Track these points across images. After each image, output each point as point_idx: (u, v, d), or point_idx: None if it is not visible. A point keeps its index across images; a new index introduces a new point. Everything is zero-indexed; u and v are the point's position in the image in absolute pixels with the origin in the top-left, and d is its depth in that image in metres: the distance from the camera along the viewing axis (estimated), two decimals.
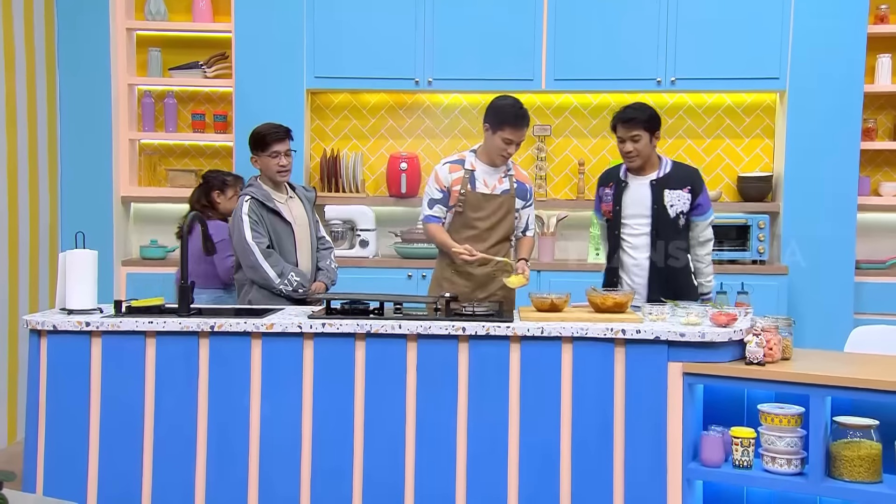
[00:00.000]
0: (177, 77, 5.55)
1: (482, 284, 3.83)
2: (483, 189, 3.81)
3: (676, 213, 3.78)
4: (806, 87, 5.14)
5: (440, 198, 3.83)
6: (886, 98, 5.47)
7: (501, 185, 3.83)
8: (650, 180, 3.81)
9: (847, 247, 5.15)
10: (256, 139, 3.90)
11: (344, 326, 3.17)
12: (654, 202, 3.79)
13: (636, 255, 3.82)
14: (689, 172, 3.86)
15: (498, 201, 3.81)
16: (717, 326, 3.14)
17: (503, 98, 3.85)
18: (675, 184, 3.80)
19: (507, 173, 3.85)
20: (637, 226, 3.82)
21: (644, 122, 3.77)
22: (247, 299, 3.85)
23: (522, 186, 3.89)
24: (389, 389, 3.17)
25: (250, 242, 3.76)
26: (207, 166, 5.71)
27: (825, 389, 2.96)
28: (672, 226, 3.79)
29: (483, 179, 3.81)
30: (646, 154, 3.79)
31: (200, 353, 3.20)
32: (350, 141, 5.71)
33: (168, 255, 5.51)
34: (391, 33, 5.30)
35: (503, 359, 3.16)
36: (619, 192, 3.86)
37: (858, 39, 5.09)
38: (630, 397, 3.12)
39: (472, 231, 3.82)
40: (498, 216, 3.82)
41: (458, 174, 3.83)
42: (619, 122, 3.81)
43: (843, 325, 4.87)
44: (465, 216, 3.81)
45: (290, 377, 3.19)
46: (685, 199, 3.79)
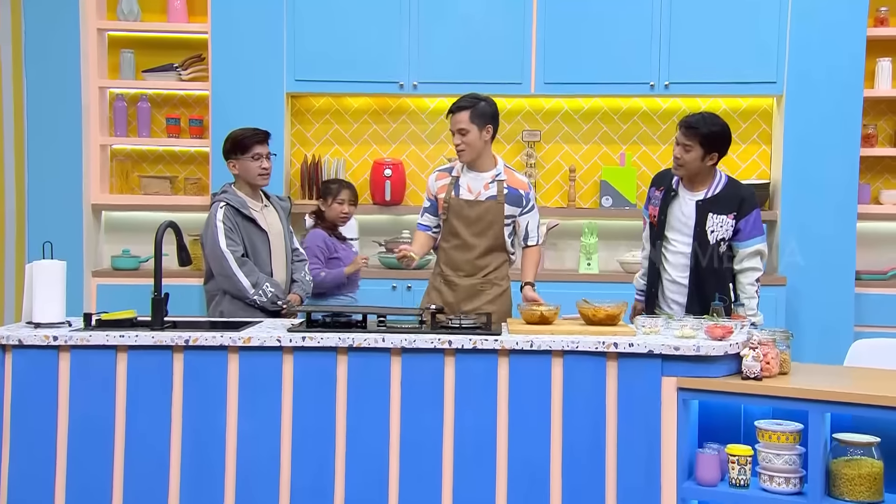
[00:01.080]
0: (150, 80, 5.54)
1: (470, 296, 3.84)
2: (466, 195, 3.82)
3: (717, 239, 3.72)
4: (804, 91, 5.19)
5: (429, 206, 3.94)
6: (887, 103, 5.53)
7: (488, 190, 3.83)
8: (697, 199, 3.75)
9: (847, 257, 5.19)
10: (235, 142, 3.90)
11: (325, 340, 3.16)
12: (697, 224, 3.74)
13: (672, 273, 3.80)
14: (738, 195, 3.73)
15: (482, 207, 3.81)
16: (713, 340, 3.16)
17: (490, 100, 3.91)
18: (721, 207, 3.72)
19: (495, 178, 3.84)
20: (677, 243, 3.78)
21: (702, 135, 3.66)
22: (218, 310, 3.84)
23: (514, 192, 3.85)
24: (373, 405, 3.17)
25: (224, 250, 3.75)
26: (183, 173, 5.71)
27: (824, 405, 2.97)
28: (713, 252, 3.73)
29: (467, 185, 3.83)
30: (692, 168, 3.71)
31: (174, 368, 3.19)
32: (332, 147, 5.72)
33: (141, 266, 5.49)
34: (375, 35, 5.32)
35: (491, 373, 3.16)
36: (667, 201, 3.81)
37: (858, 43, 5.15)
38: (622, 413, 3.12)
39: (458, 240, 3.84)
40: (483, 224, 3.82)
41: (444, 181, 3.87)
42: (682, 124, 3.73)
43: (842, 338, 4.90)
44: (450, 224, 3.84)
45: (268, 393, 3.18)
46: (728, 225, 3.72)
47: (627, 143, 5.62)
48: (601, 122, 5.65)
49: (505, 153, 5.67)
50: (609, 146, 5.65)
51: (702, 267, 3.74)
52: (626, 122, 5.63)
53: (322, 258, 4.48)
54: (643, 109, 5.62)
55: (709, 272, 3.74)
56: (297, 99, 5.68)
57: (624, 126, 5.63)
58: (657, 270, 3.85)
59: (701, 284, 3.74)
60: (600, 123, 5.65)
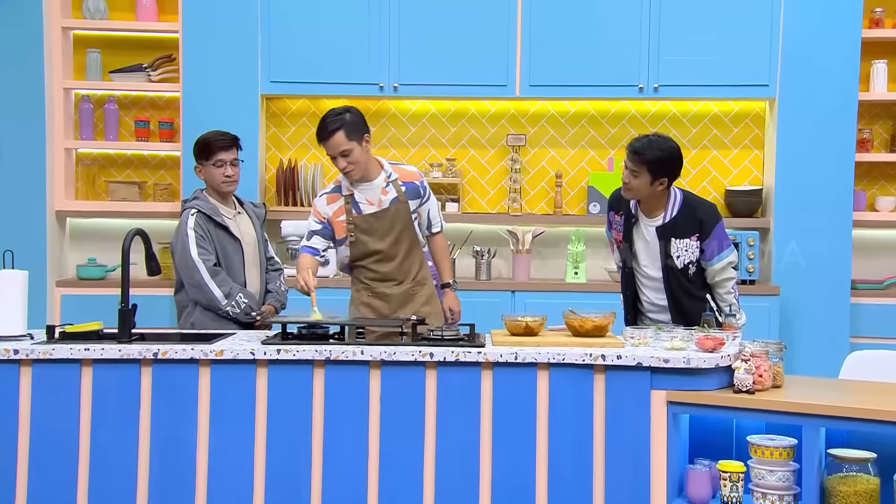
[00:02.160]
0: (118, 81, 5.52)
1: (403, 302, 3.87)
2: (369, 208, 3.83)
3: (685, 263, 3.73)
4: (797, 94, 5.23)
5: (319, 228, 3.86)
6: (882, 107, 5.59)
7: (387, 195, 3.85)
8: (656, 226, 3.75)
9: (842, 266, 5.23)
10: (200, 147, 3.89)
11: (301, 352, 3.16)
12: (662, 250, 3.74)
13: (650, 295, 3.82)
14: (696, 215, 3.72)
15: (390, 214, 3.83)
16: (703, 352, 3.17)
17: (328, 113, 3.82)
18: (681, 231, 3.72)
19: (388, 181, 3.86)
20: (647, 269, 3.80)
21: (647, 161, 3.60)
22: (189, 322, 3.83)
23: (411, 185, 3.90)
24: (351, 421, 3.16)
25: (195, 259, 3.74)
26: (152, 178, 5.69)
27: (819, 420, 2.99)
28: (683, 276, 3.74)
29: (366, 199, 3.84)
30: (641, 193, 3.69)
31: (142, 382, 3.17)
32: (309, 151, 5.71)
33: (108, 275, 5.47)
34: (354, 34, 5.32)
35: (474, 387, 3.16)
36: (629, 228, 3.82)
37: (852, 44, 5.20)
38: (610, 428, 3.13)
39: (377, 255, 3.84)
40: (397, 229, 3.85)
41: (337, 204, 3.84)
42: (628, 149, 3.68)
43: (838, 349, 4.94)
44: (361, 243, 3.83)
45: (241, 409, 3.17)
46: (693, 247, 3.72)
47: (615, 148, 5.65)
48: (588, 126, 5.68)
49: (489, 158, 5.69)
50: (597, 150, 5.68)
51: (675, 289, 3.76)
52: (614, 126, 5.66)
53: None
54: (632, 113, 5.65)
55: (684, 292, 3.76)
56: (272, 101, 5.67)
57: (612, 130, 5.67)
58: (633, 293, 3.88)
59: (680, 304, 3.77)
60: (587, 127, 5.68)
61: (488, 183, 5.72)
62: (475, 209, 5.71)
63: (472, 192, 5.72)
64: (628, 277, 3.87)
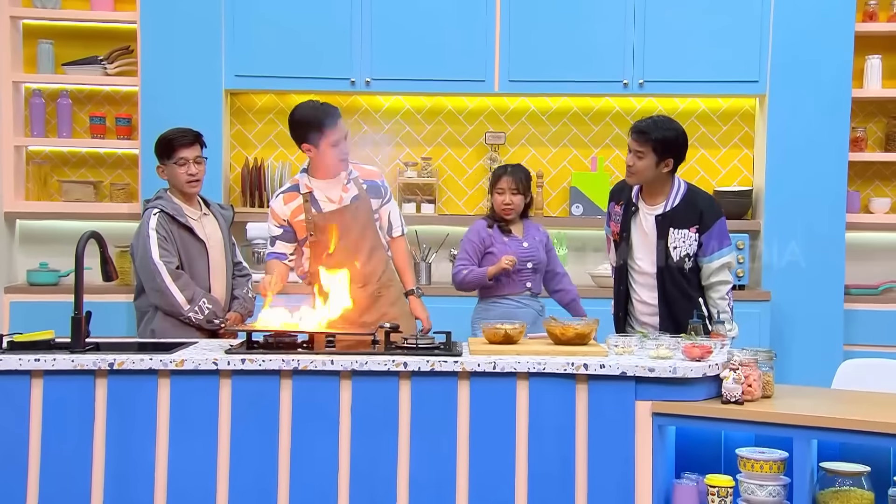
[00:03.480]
0: (72, 74, 5.48)
1: (369, 305, 3.89)
2: (329, 206, 3.87)
3: (681, 255, 3.77)
4: (788, 91, 5.28)
5: (280, 233, 3.93)
6: (877, 104, 5.64)
7: (348, 192, 3.89)
8: (656, 214, 3.80)
9: (835, 270, 5.28)
10: (161, 145, 3.89)
11: (267, 362, 3.15)
12: (659, 241, 3.79)
13: (641, 294, 3.85)
14: (698, 205, 3.78)
15: (351, 212, 3.87)
16: (690, 360, 3.20)
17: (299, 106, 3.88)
18: (681, 221, 3.77)
19: (349, 178, 3.91)
20: (642, 262, 3.84)
21: (654, 140, 3.69)
22: (149, 329, 3.82)
23: (373, 184, 3.95)
24: (320, 435, 3.15)
25: (157, 262, 3.73)
26: (108, 177, 5.65)
27: (811, 431, 3.01)
28: (678, 271, 3.78)
29: (325, 196, 3.87)
30: (646, 176, 3.75)
31: (97, 395, 3.15)
32: (276, 149, 5.70)
33: (61, 281, 5.42)
34: (324, 26, 5.32)
35: (450, 398, 3.16)
36: (628, 217, 3.87)
37: (845, 39, 5.26)
38: (593, 441, 3.14)
39: (339, 255, 3.84)
40: (357, 228, 3.88)
41: (295, 203, 3.89)
42: (632, 130, 3.78)
43: (831, 357, 4.98)
44: (323, 242, 3.85)
45: (203, 423, 3.15)
46: (691, 239, 3.77)
47: (599, 147, 5.68)
48: (570, 124, 5.71)
49: (466, 157, 5.70)
50: (579, 149, 5.71)
51: (669, 286, 3.79)
52: (597, 124, 5.69)
53: (472, 253, 4.21)
54: (616, 110, 5.69)
55: (677, 290, 3.79)
56: (237, 96, 5.66)
57: (595, 128, 5.69)
58: (625, 291, 3.91)
59: (670, 304, 3.79)
60: (570, 125, 5.71)
61: (466, 183, 5.73)
62: (452, 210, 5.71)
63: (448, 192, 5.73)
64: (622, 273, 3.90)
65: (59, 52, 5.52)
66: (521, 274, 4.19)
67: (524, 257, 4.18)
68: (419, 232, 5.49)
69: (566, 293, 4.34)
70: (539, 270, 4.25)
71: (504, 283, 4.18)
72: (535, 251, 4.23)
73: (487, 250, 4.19)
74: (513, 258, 4.10)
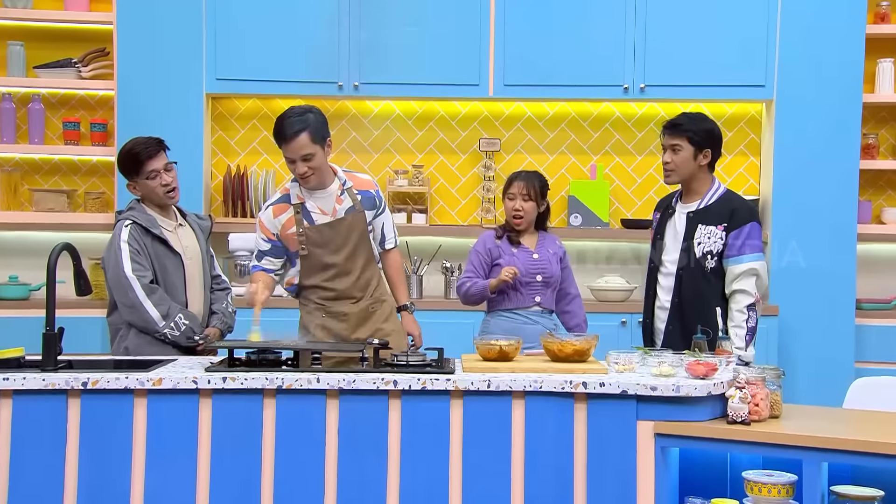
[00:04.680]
0: (45, 77, 5.48)
1: (361, 321, 3.89)
2: (323, 218, 3.86)
3: (704, 252, 3.81)
4: (796, 96, 5.31)
5: (268, 248, 3.91)
6: (889, 110, 5.67)
7: (342, 204, 3.89)
8: (689, 211, 3.88)
9: (846, 283, 5.29)
10: (127, 161, 3.84)
11: (250, 381, 3.14)
12: (686, 237, 3.85)
13: (662, 298, 3.92)
14: (731, 206, 3.84)
15: (346, 224, 3.87)
16: (694, 378, 3.20)
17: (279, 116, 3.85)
18: (711, 218, 3.83)
19: (343, 188, 3.90)
20: (669, 263, 3.90)
21: (692, 132, 3.82)
22: (122, 346, 3.80)
23: (367, 195, 3.95)
24: (305, 456, 3.15)
25: (130, 276, 3.72)
26: (83, 186, 5.65)
27: (821, 453, 3.01)
28: (698, 268, 3.81)
29: (318, 208, 3.87)
30: (685, 171, 3.85)
31: (70, 416, 3.14)
32: (259, 156, 5.70)
33: (32, 295, 5.41)
34: (310, 28, 5.33)
35: (442, 418, 3.16)
36: (664, 221, 3.96)
37: (856, 41, 5.29)
38: (593, 463, 3.14)
39: (331, 270, 3.86)
40: (352, 242, 3.88)
41: (286, 215, 3.87)
42: (665, 126, 3.90)
43: (842, 375, 4.98)
44: (314, 256, 3.85)
45: (182, 444, 3.14)
46: (717, 237, 3.81)
47: (598, 154, 5.70)
48: (568, 130, 5.72)
49: (459, 164, 5.71)
50: (578, 157, 5.72)
51: (686, 287, 3.82)
52: (596, 130, 5.71)
53: (479, 265, 4.18)
54: (616, 115, 5.71)
55: (691, 291, 3.82)
56: (218, 101, 5.66)
57: (594, 134, 5.71)
58: (653, 296, 3.97)
59: (682, 306, 3.82)
60: (567, 131, 5.73)
61: (459, 192, 5.74)
62: (444, 221, 5.72)
63: (441, 202, 5.74)
64: (652, 277, 3.98)
65: (30, 54, 5.52)
66: (530, 287, 4.15)
67: (533, 269, 4.14)
68: (410, 243, 5.50)
69: (572, 316, 4.30)
70: (551, 285, 4.19)
71: (511, 297, 4.15)
72: (547, 264, 4.18)
73: (495, 262, 4.16)
74: (513, 269, 4.06)
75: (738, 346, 3.75)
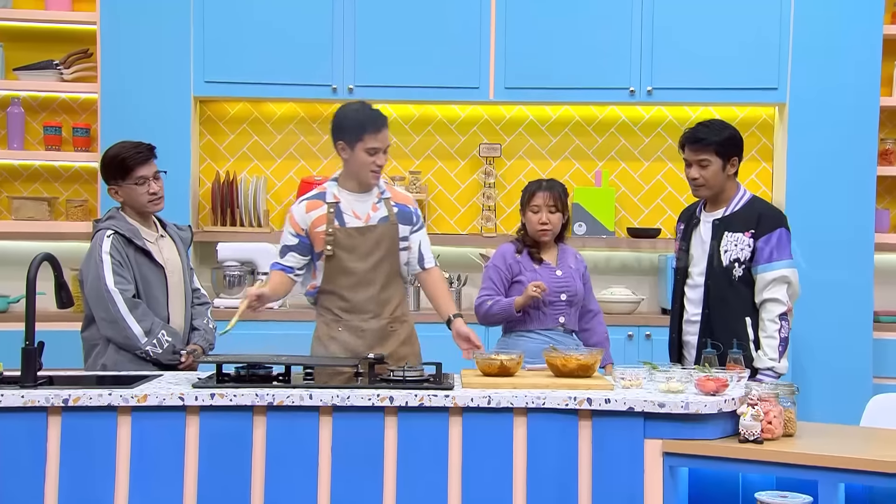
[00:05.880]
0: (25, 79, 5.49)
1: (379, 340, 3.87)
2: (355, 222, 3.86)
3: (731, 259, 3.82)
4: (810, 99, 5.32)
5: (295, 244, 3.89)
6: None
7: (377, 212, 3.89)
8: (714, 218, 3.90)
9: (863, 295, 5.29)
10: (115, 165, 3.83)
11: (239, 397, 3.14)
12: (712, 246, 3.87)
13: (690, 310, 3.93)
14: (758, 212, 3.86)
15: (377, 233, 3.87)
16: (704, 394, 3.20)
17: (347, 105, 3.94)
18: (737, 225, 3.85)
19: (381, 197, 3.92)
20: (696, 275, 3.92)
21: (717, 144, 3.83)
22: (99, 363, 3.78)
23: (405, 209, 3.95)
24: (297, 476, 3.15)
25: (112, 290, 3.71)
26: (64, 193, 5.65)
27: (837, 474, 3.02)
28: (725, 278, 3.83)
29: (352, 210, 3.87)
30: (716, 184, 3.87)
31: (50, 434, 3.14)
32: (250, 162, 5.71)
33: (10, 308, 5.41)
34: (303, 28, 5.34)
35: (441, 436, 3.16)
36: (689, 231, 3.99)
37: (873, 42, 5.29)
38: (598, 483, 3.14)
39: (352, 277, 3.85)
40: (380, 252, 3.87)
41: (318, 212, 3.87)
42: (686, 142, 3.89)
43: (859, 391, 4.99)
44: (339, 260, 3.84)
45: (168, 463, 3.14)
46: (745, 244, 3.82)
47: (604, 160, 5.71)
48: (572, 135, 5.73)
49: (458, 171, 5.72)
50: (582, 162, 5.73)
51: (714, 296, 3.84)
52: (601, 135, 5.72)
53: (499, 282, 4.07)
54: (622, 119, 5.72)
55: (719, 301, 3.83)
56: (207, 104, 5.67)
57: (599, 139, 5.72)
58: (679, 309, 3.98)
59: (711, 318, 3.83)
60: (571, 136, 5.73)
61: (458, 199, 5.75)
62: (443, 229, 5.73)
63: (439, 209, 5.74)
64: (678, 288, 4.00)
65: (10, 55, 5.53)
66: (554, 307, 4.04)
67: (557, 288, 4.02)
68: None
69: (592, 334, 4.17)
70: (575, 304, 4.08)
71: (533, 316, 4.03)
72: (571, 281, 4.07)
73: (515, 279, 4.05)
74: (542, 285, 3.93)
75: (771, 358, 3.75)
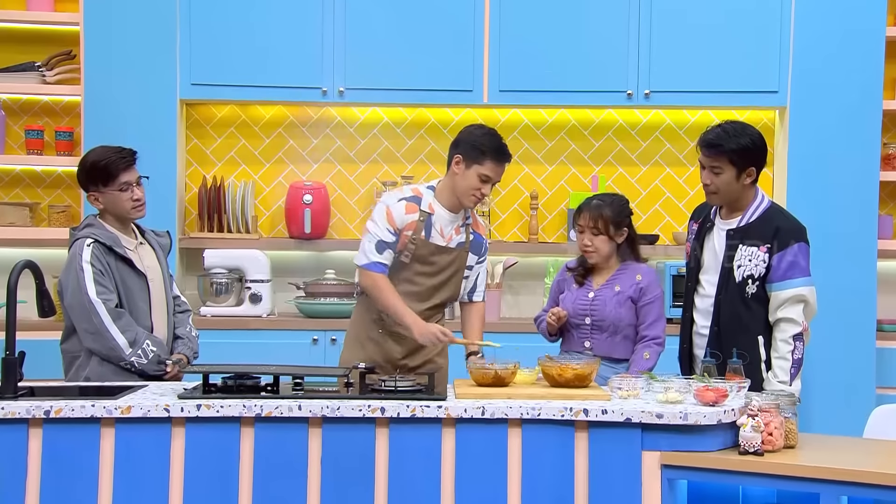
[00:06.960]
0: (5, 82, 5.49)
1: (417, 348, 3.90)
2: (438, 239, 3.90)
3: (744, 276, 3.72)
4: (812, 103, 5.33)
5: (392, 241, 3.89)
6: None
7: (458, 235, 3.95)
8: (728, 229, 3.79)
9: (866, 303, 5.30)
10: (96, 170, 3.82)
11: (226, 408, 3.14)
12: (725, 258, 3.78)
13: (699, 323, 3.85)
14: (776, 225, 3.74)
15: (451, 256, 3.93)
16: (703, 405, 3.20)
17: (479, 127, 3.96)
18: (752, 237, 3.74)
19: (465, 222, 3.98)
20: (707, 285, 3.83)
21: (732, 151, 3.69)
22: (81, 376, 3.77)
23: (478, 239, 4.02)
24: (286, 489, 3.14)
25: (94, 300, 3.70)
26: (46, 199, 5.64)
27: (840, 487, 3.02)
28: (738, 294, 3.73)
29: (440, 227, 3.91)
30: (728, 193, 3.75)
31: (31, 446, 3.13)
32: (237, 166, 5.71)
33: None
34: (292, 30, 5.34)
35: (433, 447, 3.16)
36: (702, 236, 3.89)
37: (875, 44, 5.30)
38: (594, 496, 3.14)
39: (414, 287, 3.88)
40: (447, 273, 3.93)
41: (413, 216, 3.90)
42: (701, 144, 3.77)
43: (862, 402, 4.99)
44: (411, 269, 3.89)
45: (153, 476, 3.14)
46: (759, 259, 3.71)
47: (600, 164, 5.72)
48: (568, 139, 5.74)
49: None
50: (578, 167, 5.74)
51: (725, 315, 3.75)
52: (598, 139, 5.73)
53: (551, 298, 4.17)
54: (619, 123, 5.73)
55: (731, 319, 3.74)
56: (193, 107, 5.67)
57: (596, 143, 5.73)
58: (689, 319, 3.90)
59: (721, 336, 3.75)
60: (567, 140, 5.74)
61: None
62: None
63: None
64: (689, 298, 3.92)
65: None
66: (580, 330, 3.99)
67: (582, 311, 3.97)
68: None
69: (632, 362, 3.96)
70: (605, 329, 3.95)
71: (566, 337, 4.06)
72: (601, 305, 3.95)
73: (561, 295, 4.11)
74: (559, 311, 3.95)
75: (781, 381, 3.66)
